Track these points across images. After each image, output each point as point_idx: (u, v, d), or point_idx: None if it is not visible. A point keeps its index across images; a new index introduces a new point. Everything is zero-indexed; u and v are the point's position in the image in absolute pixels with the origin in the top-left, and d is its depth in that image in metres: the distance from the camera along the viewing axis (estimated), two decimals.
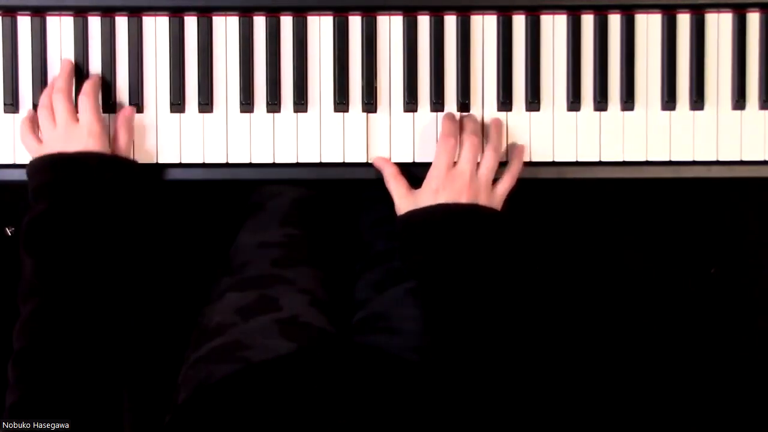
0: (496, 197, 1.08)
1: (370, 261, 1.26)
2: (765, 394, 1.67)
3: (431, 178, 1.07)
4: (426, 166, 1.09)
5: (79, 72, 1.13)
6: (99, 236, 1.03)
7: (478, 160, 1.08)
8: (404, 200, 1.08)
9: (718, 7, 1.14)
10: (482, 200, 1.06)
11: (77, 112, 1.08)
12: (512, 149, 1.13)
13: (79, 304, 0.99)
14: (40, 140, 1.09)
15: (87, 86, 1.09)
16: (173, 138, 1.13)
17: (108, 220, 1.04)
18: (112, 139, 1.10)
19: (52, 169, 1.05)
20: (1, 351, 1.03)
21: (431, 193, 1.06)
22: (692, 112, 1.14)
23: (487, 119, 1.13)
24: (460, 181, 1.06)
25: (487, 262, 1.03)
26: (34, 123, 1.11)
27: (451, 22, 1.14)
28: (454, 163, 1.07)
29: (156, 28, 1.13)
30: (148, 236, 1.08)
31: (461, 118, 1.12)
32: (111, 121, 1.12)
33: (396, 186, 1.09)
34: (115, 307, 1.01)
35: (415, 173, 1.12)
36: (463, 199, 1.05)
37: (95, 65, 1.13)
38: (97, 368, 0.98)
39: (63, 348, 0.97)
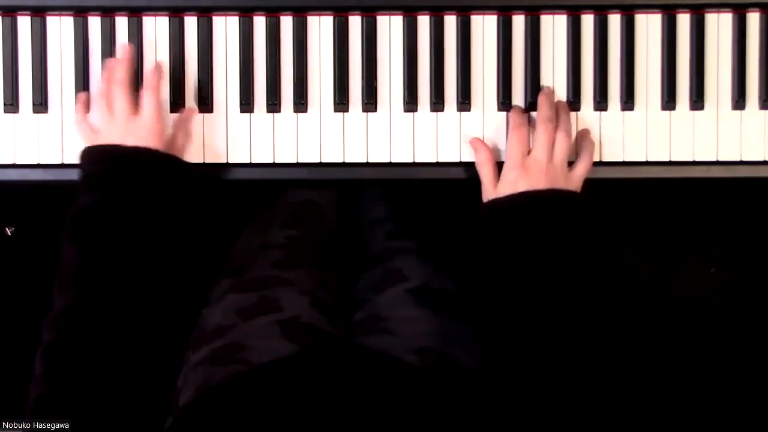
0: (573, 180, 1.08)
1: (369, 261, 1.26)
2: (765, 394, 1.67)
3: (508, 170, 1.07)
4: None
5: (81, 72, 1.13)
6: (145, 233, 1.02)
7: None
8: (488, 190, 1.08)
9: (718, 7, 1.14)
10: (560, 184, 1.06)
11: (137, 104, 1.07)
12: (579, 135, 1.13)
13: (117, 300, 0.99)
14: (94, 128, 1.08)
15: (153, 80, 1.08)
16: None
17: (155, 217, 1.03)
18: (171, 137, 1.09)
19: (106, 161, 1.04)
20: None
21: (510, 184, 1.06)
22: (692, 112, 1.14)
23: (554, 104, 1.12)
24: (536, 167, 1.06)
25: (572, 244, 1.03)
26: (87, 107, 1.10)
27: (451, 22, 1.14)
28: (529, 152, 1.07)
29: (156, 28, 1.13)
30: (187, 235, 1.08)
31: (539, 100, 1.10)
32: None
33: (486, 173, 1.09)
34: (145, 306, 1.01)
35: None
36: (541, 185, 1.05)
37: (95, 65, 1.13)
38: (122, 367, 0.97)
39: (93, 345, 0.97)
